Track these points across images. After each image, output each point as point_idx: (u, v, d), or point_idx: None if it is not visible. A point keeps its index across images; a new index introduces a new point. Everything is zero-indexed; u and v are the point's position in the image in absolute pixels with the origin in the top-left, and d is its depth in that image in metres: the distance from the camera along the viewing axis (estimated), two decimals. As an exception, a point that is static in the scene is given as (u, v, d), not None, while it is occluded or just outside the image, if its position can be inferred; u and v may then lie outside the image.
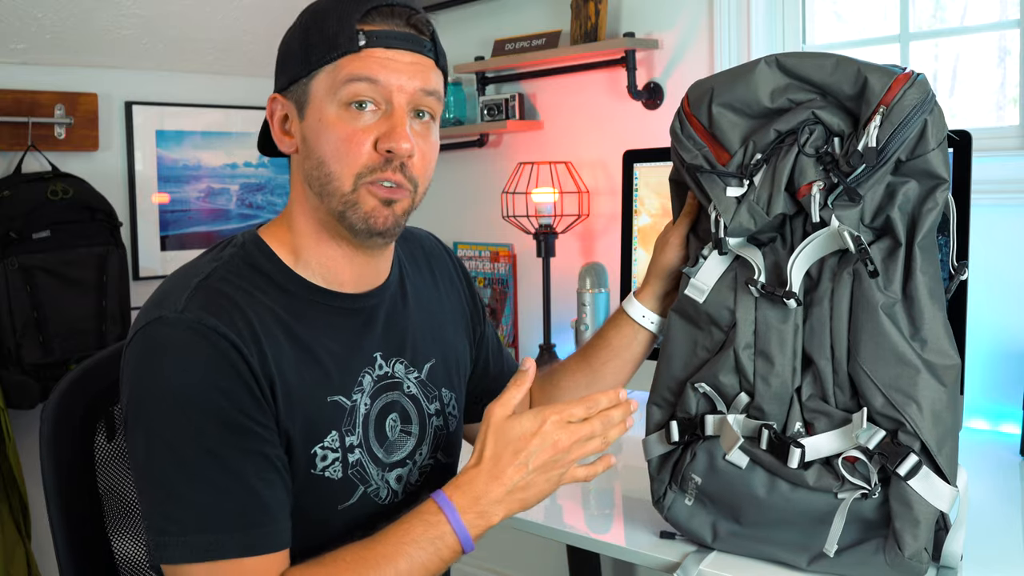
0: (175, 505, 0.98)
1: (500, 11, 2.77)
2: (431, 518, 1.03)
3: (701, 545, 1.21)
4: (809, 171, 1.10)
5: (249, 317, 1.03)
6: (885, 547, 1.06)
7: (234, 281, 1.06)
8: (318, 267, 1.11)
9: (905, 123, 1.05)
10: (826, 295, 1.09)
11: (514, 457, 1.03)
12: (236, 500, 0.99)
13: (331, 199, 1.06)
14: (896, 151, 1.06)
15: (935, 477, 1.05)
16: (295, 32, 1.09)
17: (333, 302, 1.11)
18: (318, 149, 1.06)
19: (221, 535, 0.98)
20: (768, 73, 1.14)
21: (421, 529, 1.02)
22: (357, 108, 1.04)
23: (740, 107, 1.15)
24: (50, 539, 1.19)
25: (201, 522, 0.98)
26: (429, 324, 1.23)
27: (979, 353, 1.81)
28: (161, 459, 0.98)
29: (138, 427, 1.00)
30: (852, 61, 1.09)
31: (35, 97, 2.53)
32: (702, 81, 1.20)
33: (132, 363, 1.02)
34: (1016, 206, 1.81)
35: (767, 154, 1.12)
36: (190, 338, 0.99)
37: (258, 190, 2.98)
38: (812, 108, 1.11)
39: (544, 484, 1.05)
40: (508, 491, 1.03)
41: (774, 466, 1.12)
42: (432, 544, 1.02)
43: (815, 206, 1.08)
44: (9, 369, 2.35)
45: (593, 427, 1.05)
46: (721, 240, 1.14)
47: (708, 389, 1.16)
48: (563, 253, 2.59)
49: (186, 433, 0.98)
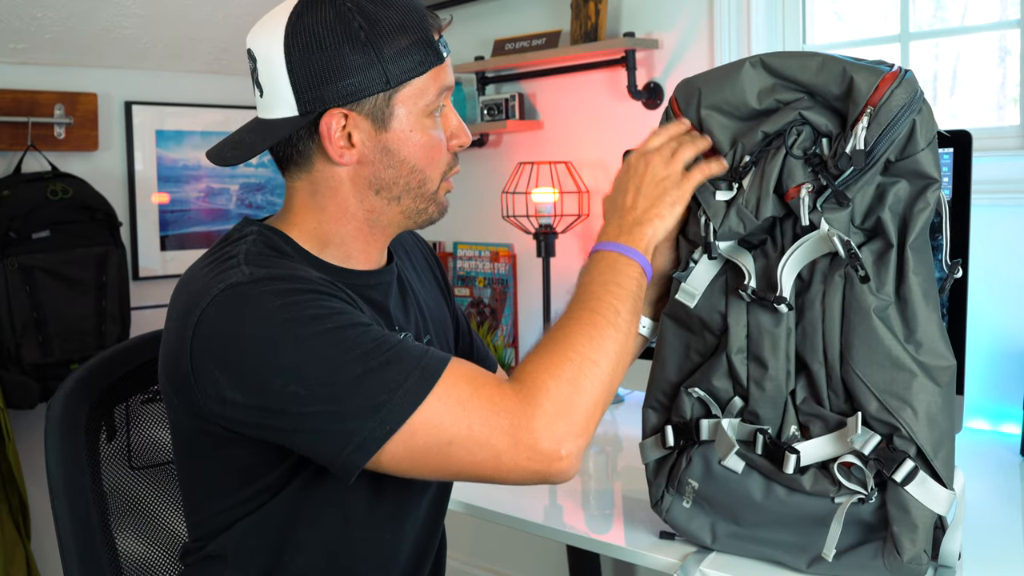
0: (362, 389, 0.97)
1: (500, 11, 2.77)
2: (595, 256, 1.13)
3: (701, 546, 1.21)
4: (797, 173, 1.08)
5: (313, 274, 1.06)
6: (884, 551, 1.06)
7: (272, 257, 1.08)
8: (339, 255, 1.14)
9: (893, 124, 1.03)
10: (817, 298, 1.08)
11: (624, 193, 1.17)
12: (409, 346, 1.01)
13: (417, 200, 1.14)
14: (885, 152, 1.05)
15: (932, 482, 1.04)
16: (355, 44, 1.05)
17: (354, 279, 1.14)
18: (411, 158, 1.11)
19: (422, 360, 1.00)
20: (753, 74, 1.12)
21: (596, 265, 1.12)
22: (437, 114, 1.12)
23: (728, 109, 1.14)
24: (49, 540, 1.19)
25: (398, 370, 0.98)
26: (423, 302, 1.27)
27: (979, 353, 1.81)
28: (321, 380, 0.97)
29: (272, 374, 0.98)
30: (837, 60, 1.08)
31: (35, 97, 2.53)
32: (688, 81, 1.18)
33: (222, 333, 1.00)
34: (1016, 206, 1.81)
35: (755, 156, 1.11)
36: (278, 285, 1.01)
37: (258, 190, 2.98)
38: (799, 108, 1.09)
39: (665, 195, 1.15)
40: (640, 211, 1.15)
41: (770, 471, 1.11)
42: (612, 270, 1.11)
43: (804, 209, 1.06)
44: (9, 369, 2.35)
45: (668, 144, 1.17)
46: (711, 244, 1.13)
47: (702, 394, 1.16)
48: (563, 253, 2.59)
49: (327, 341, 0.98)
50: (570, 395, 1.01)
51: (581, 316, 1.07)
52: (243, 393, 0.99)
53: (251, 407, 0.99)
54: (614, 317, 1.07)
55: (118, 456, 1.28)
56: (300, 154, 1.11)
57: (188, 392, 1.02)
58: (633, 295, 1.10)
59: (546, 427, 0.99)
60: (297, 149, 1.11)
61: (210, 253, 1.12)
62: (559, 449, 0.99)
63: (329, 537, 1.13)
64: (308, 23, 1.06)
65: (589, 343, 1.04)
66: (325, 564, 1.13)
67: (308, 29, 1.05)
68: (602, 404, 1.04)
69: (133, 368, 1.32)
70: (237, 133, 1.15)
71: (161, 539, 1.34)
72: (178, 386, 1.04)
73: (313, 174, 1.12)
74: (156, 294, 2.77)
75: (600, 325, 1.06)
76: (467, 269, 2.89)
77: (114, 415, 1.27)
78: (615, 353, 1.06)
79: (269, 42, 1.07)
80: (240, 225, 1.14)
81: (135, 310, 2.59)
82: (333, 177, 1.12)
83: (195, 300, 1.02)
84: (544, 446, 0.99)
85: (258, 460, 1.07)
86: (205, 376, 1.00)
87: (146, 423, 1.34)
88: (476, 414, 0.99)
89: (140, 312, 2.64)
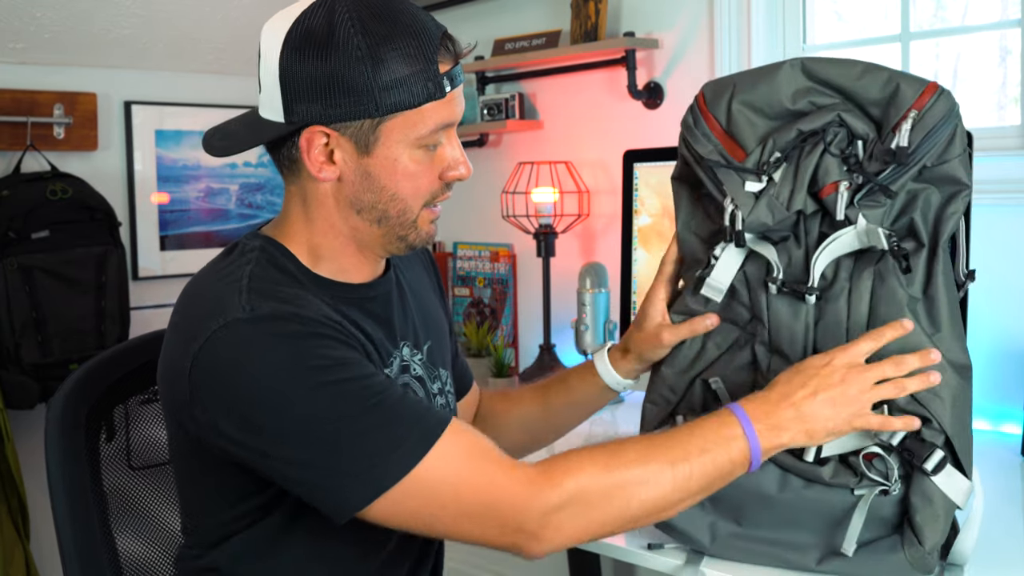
0: (359, 445, 0.96)
1: (500, 11, 2.76)
2: (725, 418, 1.03)
3: (696, 551, 1.20)
4: (834, 171, 1.11)
5: (316, 305, 1.04)
6: (903, 542, 1.07)
7: (277, 278, 1.06)
8: (335, 268, 1.12)
9: (936, 128, 1.08)
10: (843, 293, 1.11)
11: (802, 386, 1.04)
12: (410, 403, 1.00)
13: (395, 227, 1.10)
14: (925, 155, 1.08)
15: (956, 472, 1.06)
16: (349, 64, 1.01)
17: (353, 294, 1.13)
18: (392, 186, 1.07)
19: (421, 422, 0.98)
20: (792, 75, 1.15)
21: (715, 426, 1.03)
22: (432, 149, 1.08)
23: (760, 106, 1.16)
24: (48, 540, 1.19)
25: (396, 429, 0.97)
26: (421, 307, 1.26)
27: (979, 353, 1.79)
28: (316, 434, 0.96)
29: (269, 420, 0.97)
30: (882, 67, 1.12)
31: (34, 97, 2.53)
32: (722, 78, 1.21)
33: (221, 372, 0.98)
34: (1016, 206, 1.81)
35: (786, 152, 1.13)
36: (281, 325, 0.99)
37: (257, 190, 2.98)
38: (838, 111, 1.12)
39: (832, 420, 1.04)
40: (797, 415, 1.03)
41: (787, 462, 1.11)
42: (725, 442, 1.02)
43: (841, 204, 1.09)
44: (8, 369, 2.35)
45: (884, 369, 1.04)
46: (739, 232, 1.13)
47: (721, 386, 1.17)
48: (563, 253, 2.59)
49: (329, 393, 0.97)
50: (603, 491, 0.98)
51: (656, 452, 1.01)
52: (238, 429, 0.98)
53: (244, 444, 0.99)
54: (684, 481, 1.01)
55: (118, 456, 1.28)
56: (289, 159, 1.09)
57: (185, 415, 1.02)
58: (715, 480, 1.03)
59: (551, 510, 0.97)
60: (286, 154, 1.09)
61: (217, 265, 1.10)
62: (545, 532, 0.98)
63: (324, 555, 1.12)
64: (308, 32, 1.02)
65: (644, 472, 1.00)
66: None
67: (306, 39, 1.02)
68: (611, 528, 1.01)
69: (132, 369, 1.32)
70: (233, 122, 1.13)
71: (161, 539, 1.34)
72: (176, 407, 1.04)
73: (302, 183, 1.10)
74: (156, 294, 2.76)
75: (666, 473, 1.00)
76: (467, 269, 2.89)
77: (113, 415, 1.27)
78: (658, 503, 1.01)
79: (271, 41, 1.05)
80: (247, 237, 1.13)
81: (135, 310, 2.58)
82: (319, 190, 1.10)
83: (195, 330, 1.00)
84: (531, 527, 0.97)
85: (251, 480, 1.06)
86: (202, 406, 0.99)
87: (145, 423, 1.34)
88: (469, 490, 0.97)
89: (140, 312, 2.64)
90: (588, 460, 0.99)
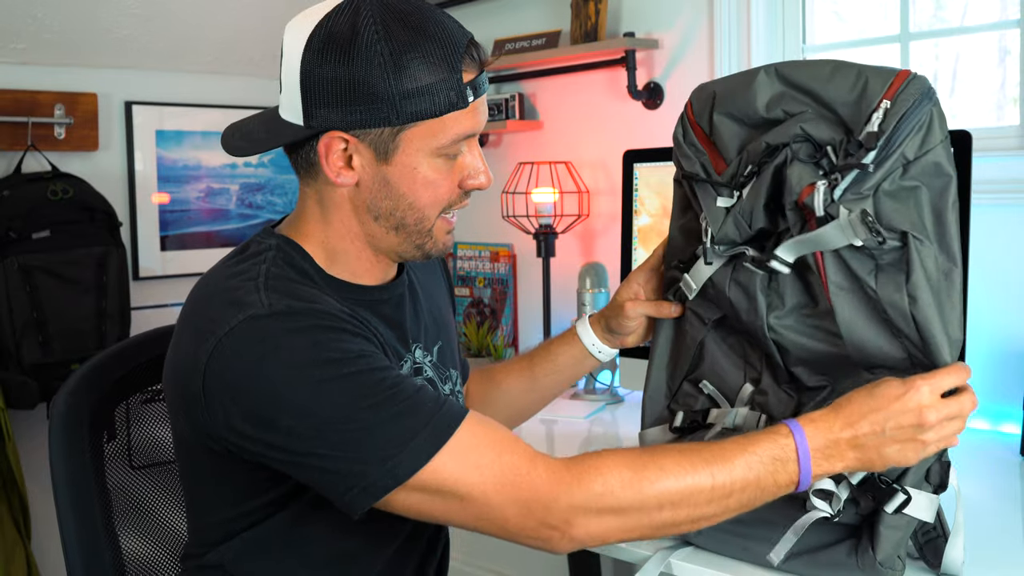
0: (376, 436, 0.96)
1: (500, 11, 2.77)
2: (780, 439, 0.99)
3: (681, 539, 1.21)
4: (807, 175, 1.07)
5: (331, 303, 1.04)
6: (857, 550, 1.06)
7: (293, 277, 1.06)
8: (348, 270, 1.13)
9: (910, 111, 1.02)
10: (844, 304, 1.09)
11: (872, 413, 0.99)
12: (428, 395, 0.99)
13: (412, 235, 1.10)
14: (905, 139, 1.03)
15: (921, 493, 1.04)
16: (371, 70, 1.00)
17: (366, 296, 1.13)
18: (410, 194, 1.07)
19: (438, 413, 0.97)
20: (767, 82, 1.12)
21: (767, 445, 0.99)
22: (452, 158, 1.06)
23: (739, 116, 1.14)
24: (49, 540, 1.19)
25: (413, 420, 0.96)
26: (432, 308, 1.27)
27: (979, 353, 1.81)
28: (333, 426, 0.96)
29: (287, 413, 0.96)
30: (851, 65, 1.08)
31: (35, 97, 2.53)
32: (705, 86, 1.19)
33: (238, 368, 0.98)
34: (1016, 206, 1.81)
35: (756, 166, 1.11)
36: (298, 320, 0.99)
37: (258, 190, 2.98)
38: (800, 122, 1.08)
39: (895, 453, 0.99)
40: (858, 443, 0.99)
41: None
42: (773, 464, 0.98)
43: (819, 200, 1.05)
44: (9, 369, 2.35)
45: (963, 404, 0.99)
46: (707, 249, 1.14)
47: (712, 389, 1.17)
48: (563, 253, 2.59)
49: (346, 385, 0.97)
50: (632, 496, 0.96)
51: (699, 463, 0.98)
52: (252, 426, 0.98)
53: (259, 439, 0.98)
54: (722, 497, 0.98)
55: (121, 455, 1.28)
56: (307, 162, 1.09)
57: (196, 412, 1.01)
58: (756, 500, 1.00)
59: (577, 507, 0.96)
60: (304, 157, 1.09)
61: (231, 263, 1.10)
62: (571, 529, 0.96)
63: (332, 551, 1.12)
64: (331, 35, 1.00)
65: (679, 483, 0.97)
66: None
67: (328, 42, 1.00)
68: (639, 534, 0.99)
69: (135, 367, 1.32)
70: (253, 120, 1.13)
71: (164, 538, 1.34)
72: (186, 404, 1.03)
73: (319, 185, 1.10)
74: (156, 294, 2.76)
75: (704, 487, 0.97)
76: (467, 269, 2.89)
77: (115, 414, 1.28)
78: (691, 515, 0.99)
79: (294, 42, 1.03)
80: (262, 235, 1.13)
81: (135, 310, 2.58)
82: (336, 194, 1.09)
83: (212, 326, 1.00)
84: (554, 521, 0.96)
85: (259, 478, 1.06)
86: (216, 402, 0.99)
87: (147, 422, 1.35)
88: (491, 482, 0.96)
89: (140, 312, 2.64)
90: (621, 463, 0.98)
